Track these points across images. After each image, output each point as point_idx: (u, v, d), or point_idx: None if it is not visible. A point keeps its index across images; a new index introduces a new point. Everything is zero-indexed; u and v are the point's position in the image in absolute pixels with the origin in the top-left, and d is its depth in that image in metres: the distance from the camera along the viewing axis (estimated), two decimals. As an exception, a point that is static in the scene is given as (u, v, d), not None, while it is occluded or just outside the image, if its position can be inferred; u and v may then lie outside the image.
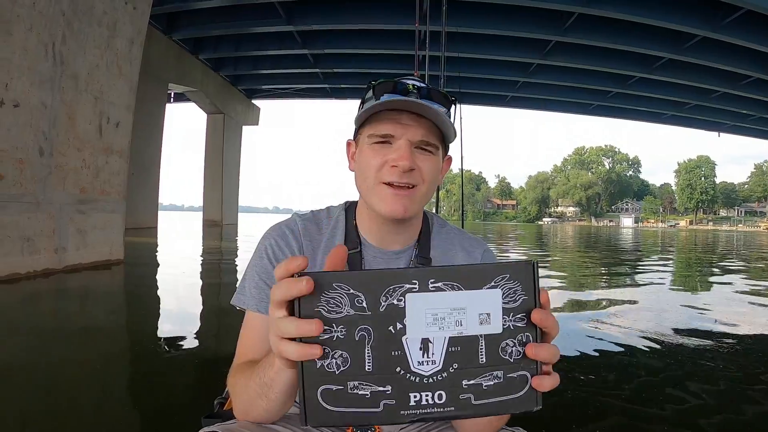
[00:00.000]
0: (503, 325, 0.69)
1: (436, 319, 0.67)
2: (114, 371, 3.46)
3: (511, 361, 0.69)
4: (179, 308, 5.92)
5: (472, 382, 0.69)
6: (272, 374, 0.83)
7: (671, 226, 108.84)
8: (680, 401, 3.01)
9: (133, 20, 8.92)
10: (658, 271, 11.33)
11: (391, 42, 20.19)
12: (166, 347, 4.07)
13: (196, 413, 1.24)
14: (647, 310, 6.07)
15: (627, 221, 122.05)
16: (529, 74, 24.00)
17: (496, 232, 38.56)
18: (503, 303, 0.68)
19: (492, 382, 0.69)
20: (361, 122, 1.12)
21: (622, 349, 4.18)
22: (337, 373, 0.67)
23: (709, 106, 27.60)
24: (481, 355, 0.69)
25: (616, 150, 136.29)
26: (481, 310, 0.68)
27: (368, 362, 0.68)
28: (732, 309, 6.36)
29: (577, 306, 6.43)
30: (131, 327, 5.02)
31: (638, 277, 9.71)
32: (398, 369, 0.68)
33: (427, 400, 0.68)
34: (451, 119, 1.14)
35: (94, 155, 8.29)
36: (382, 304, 0.67)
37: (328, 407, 0.68)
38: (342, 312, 0.67)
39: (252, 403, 0.94)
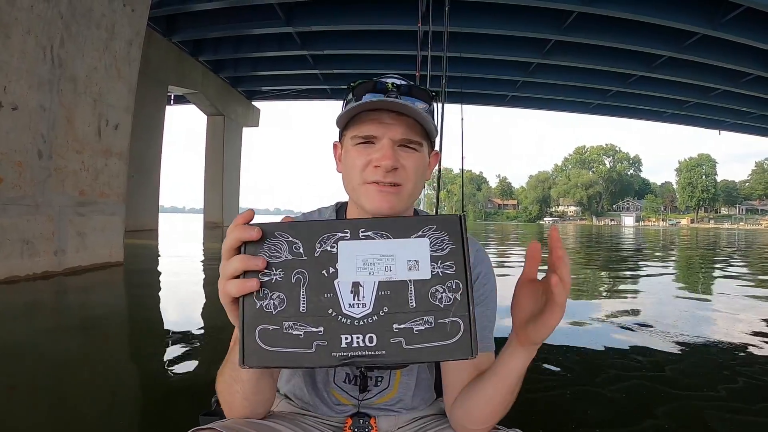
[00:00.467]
0: (432, 271, 0.72)
1: (366, 264, 0.72)
2: (113, 371, 3.46)
3: (441, 306, 0.72)
4: (178, 309, 5.91)
5: (402, 326, 0.71)
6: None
7: (673, 224, 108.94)
8: (676, 401, 2.98)
9: (132, 22, 8.91)
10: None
11: (392, 42, 20.16)
12: (165, 347, 4.08)
13: (195, 412, 1.26)
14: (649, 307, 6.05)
15: (628, 220, 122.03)
16: (529, 73, 23.96)
17: (498, 232, 38.40)
18: (431, 251, 0.73)
19: (423, 327, 0.71)
20: (344, 124, 1.13)
21: (626, 348, 4.16)
22: (274, 313, 0.72)
23: (709, 104, 27.57)
24: (411, 299, 0.72)
25: (617, 149, 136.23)
26: (409, 257, 0.73)
27: (302, 303, 0.72)
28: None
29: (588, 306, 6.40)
30: (130, 328, 5.03)
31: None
32: (330, 311, 0.72)
33: (358, 343, 0.71)
34: (433, 115, 1.14)
35: (93, 157, 8.28)
36: (317, 250, 0.73)
37: (265, 347, 0.71)
38: (281, 257, 0.73)
39: (231, 394, 0.98)
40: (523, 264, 0.87)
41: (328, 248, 0.73)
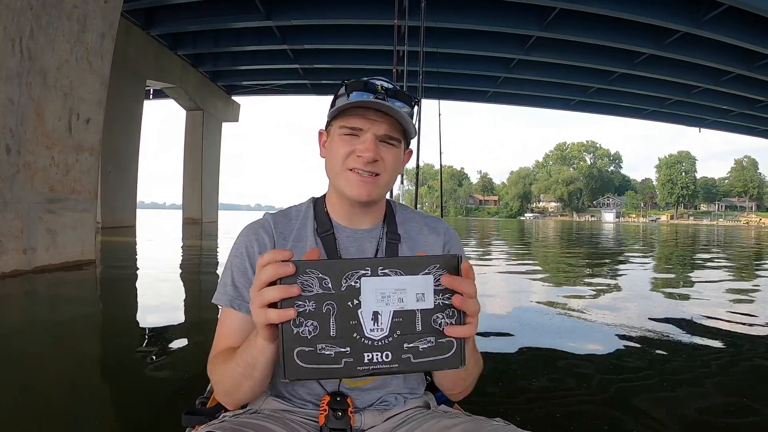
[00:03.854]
0: (434, 302, 0.86)
1: (384, 297, 0.85)
2: (88, 373, 3.42)
3: (441, 329, 0.87)
4: (153, 309, 5.78)
5: (411, 345, 0.86)
6: (255, 353, 0.99)
7: (652, 220, 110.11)
8: (669, 400, 2.94)
9: (105, 14, 8.68)
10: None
11: (372, 37, 20.14)
12: (141, 348, 4.04)
13: (177, 414, 1.30)
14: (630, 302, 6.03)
15: (608, 216, 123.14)
16: (510, 70, 23.99)
17: (479, 229, 38.48)
18: (434, 285, 0.86)
19: (426, 345, 0.87)
20: (334, 115, 1.24)
21: (604, 347, 4.12)
22: (309, 337, 0.84)
23: (690, 101, 27.86)
24: (418, 324, 0.86)
25: (598, 146, 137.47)
26: (417, 291, 0.86)
27: (332, 329, 0.85)
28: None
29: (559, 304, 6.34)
30: (103, 328, 4.93)
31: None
32: (355, 335, 0.85)
33: (377, 359, 0.85)
34: (413, 118, 1.28)
35: (64, 153, 8.08)
36: (343, 285, 0.84)
37: (302, 365, 0.84)
38: (312, 291, 0.84)
39: (237, 386, 1.09)
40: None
41: (353, 283, 0.84)
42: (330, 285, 0.85)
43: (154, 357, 3.76)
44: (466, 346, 0.90)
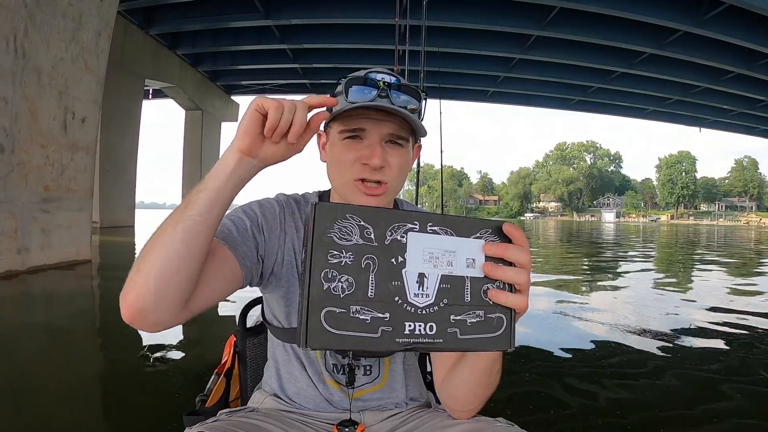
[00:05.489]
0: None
1: (432, 257, 0.74)
2: (84, 374, 3.41)
3: (491, 303, 0.77)
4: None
5: (458, 317, 0.75)
6: (219, 172, 0.88)
7: (653, 220, 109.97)
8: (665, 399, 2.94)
9: (100, 12, 8.65)
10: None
11: (371, 37, 20.06)
12: (138, 348, 4.01)
13: (176, 412, 1.25)
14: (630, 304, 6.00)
15: (608, 216, 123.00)
16: (510, 69, 23.93)
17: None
18: (486, 252, 0.77)
19: (474, 320, 0.76)
20: (332, 116, 1.12)
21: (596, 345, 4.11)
22: (342, 296, 0.70)
23: (690, 101, 27.78)
24: (467, 294, 0.76)
25: (598, 145, 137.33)
26: (468, 255, 0.76)
27: (371, 288, 0.72)
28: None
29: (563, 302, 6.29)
30: (98, 329, 4.95)
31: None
32: (396, 298, 0.73)
33: (420, 330, 0.73)
34: (422, 114, 1.17)
35: (59, 152, 8.04)
36: (388, 237, 0.73)
37: (330, 329, 0.70)
38: (352, 240, 0.72)
39: (154, 240, 0.87)
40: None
41: (398, 237, 0.74)
42: (372, 236, 0.73)
43: (151, 358, 3.74)
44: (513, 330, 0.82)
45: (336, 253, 0.71)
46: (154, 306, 0.86)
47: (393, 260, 0.73)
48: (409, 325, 0.73)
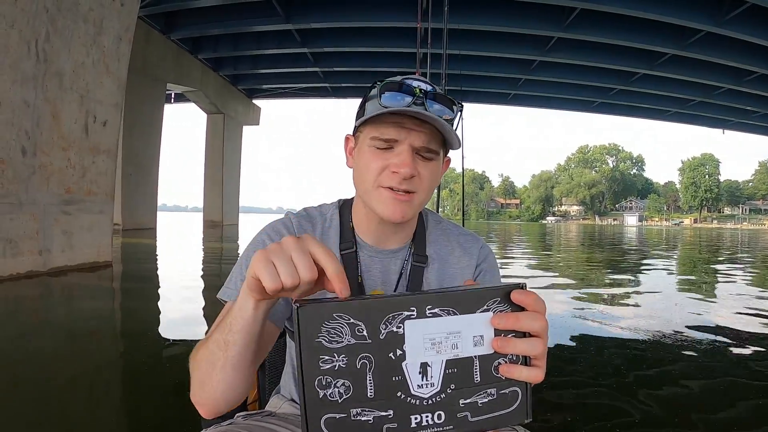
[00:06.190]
0: None
1: (434, 344, 0.70)
2: (103, 374, 3.43)
3: (503, 378, 0.72)
4: (168, 311, 5.76)
5: (468, 400, 0.71)
6: (235, 311, 0.82)
7: (676, 224, 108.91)
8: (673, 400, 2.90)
9: (121, 17, 8.74)
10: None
11: (392, 39, 20.02)
12: (158, 349, 4.05)
13: (194, 413, 1.14)
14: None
15: (631, 219, 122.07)
16: (530, 71, 23.78)
17: (500, 233, 38.29)
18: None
19: (486, 399, 0.72)
20: (364, 121, 1.09)
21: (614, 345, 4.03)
22: (339, 401, 0.68)
23: (713, 102, 27.39)
24: (476, 374, 0.72)
25: (620, 148, 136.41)
26: (475, 333, 0.71)
27: (370, 389, 0.69)
28: None
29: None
30: (118, 331, 4.94)
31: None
32: (399, 393, 0.70)
33: (427, 421, 0.70)
34: (455, 125, 1.11)
35: (80, 155, 8.13)
36: (382, 331, 0.69)
37: None
38: (342, 341, 0.68)
39: (209, 371, 0.89)
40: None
41: (394, 329, 0.69)
42: (365, 332, 0.69)
43: (170, 359, 3.77)
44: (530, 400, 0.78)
45: (327, 358, 0.68)
46: (229, 406, 0.95)
47: (391, 355, 0.69)
48: (416, 418, 0.70)
